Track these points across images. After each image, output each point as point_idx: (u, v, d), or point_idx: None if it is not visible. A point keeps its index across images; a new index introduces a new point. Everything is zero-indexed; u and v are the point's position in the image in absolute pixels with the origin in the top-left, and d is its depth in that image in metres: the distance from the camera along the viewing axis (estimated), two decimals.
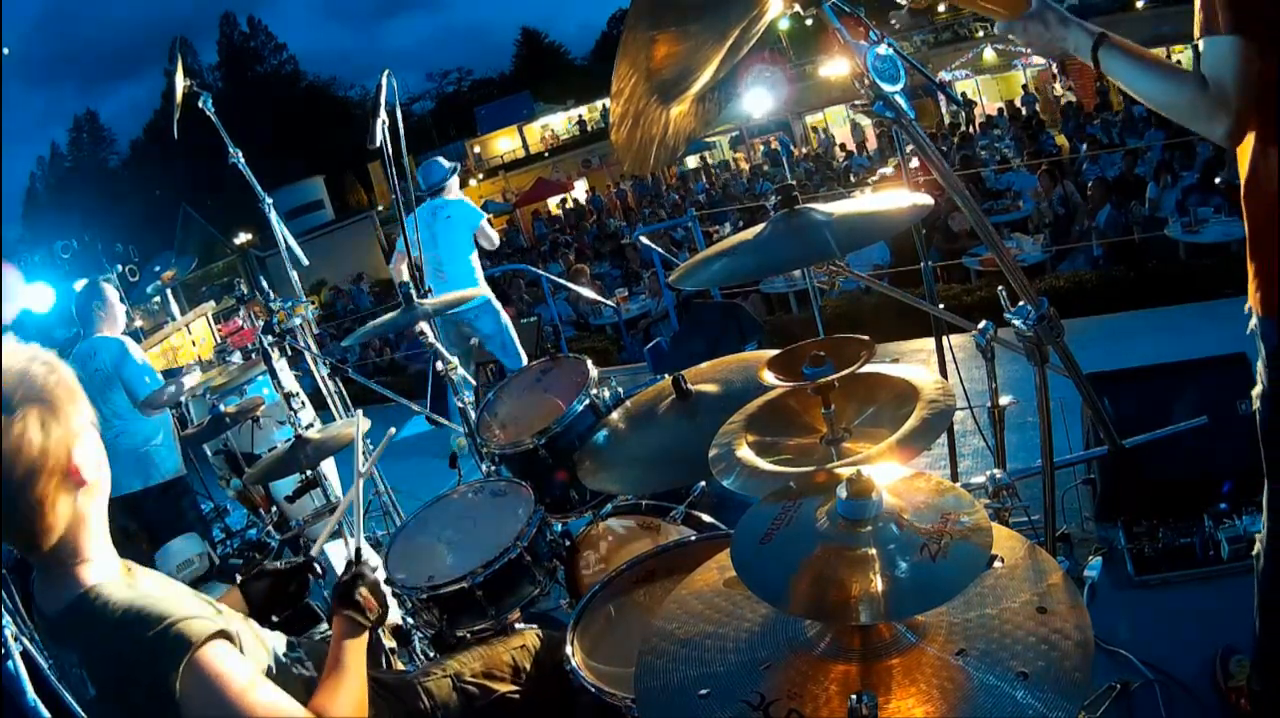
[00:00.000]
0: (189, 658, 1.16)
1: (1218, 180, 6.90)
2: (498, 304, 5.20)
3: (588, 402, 2.34)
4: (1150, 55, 1.42)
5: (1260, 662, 1.80)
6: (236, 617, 1.40)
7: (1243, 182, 1.46)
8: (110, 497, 1.32)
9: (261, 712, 1.19)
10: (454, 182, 5.24)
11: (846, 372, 1.46)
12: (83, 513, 1.24)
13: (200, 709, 1.16)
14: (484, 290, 5.07)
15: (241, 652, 1.28)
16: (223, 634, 1.22)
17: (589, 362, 2.49)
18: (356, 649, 1.43)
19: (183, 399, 4.54)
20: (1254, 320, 1.56)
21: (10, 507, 1.16)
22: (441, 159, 5.30)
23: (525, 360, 5.07)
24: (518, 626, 2.11)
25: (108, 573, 1.26)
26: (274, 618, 1.70)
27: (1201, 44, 1.32)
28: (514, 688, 1.73)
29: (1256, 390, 1.61)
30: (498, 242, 5.31)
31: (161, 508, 4.02)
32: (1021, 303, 1.54)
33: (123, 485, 3.96)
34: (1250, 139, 1.40)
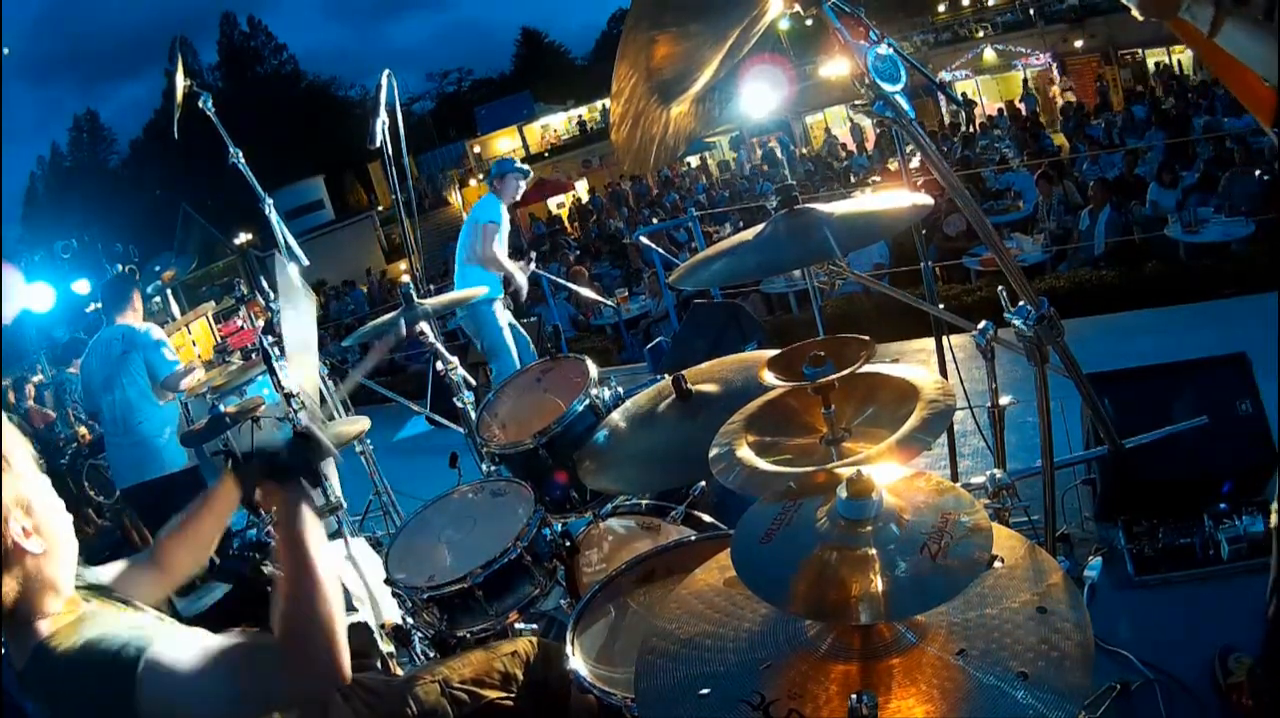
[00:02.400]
0: (137, 677, 1.13)
1: (1226, 174, 6.83)
2: (497, 307, 5.12)
3: (588, 402, 2.34)
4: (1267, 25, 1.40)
5: (1268, 652, 1.79)
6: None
7: None
8: (120, 488, 1.30)
9: (221, 676, 1.16)
10: (502, 182, 5.16)
11: (846, 372, 1.46)
12: (38, 575, 1.21)
13: (170, 708, 1.14)
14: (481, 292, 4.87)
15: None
16: (158, 633, 1.20)
17: (589, 362, 2.49)
18: (309, 523, 1.33)
19: (183, 399, 4.55)
20: None
21: None
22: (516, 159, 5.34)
23: (517, 363, 5.01)
24: (518, 626, 2.11)
25: (63, 621, 1.23)
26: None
27: None
28: (504, 696, 1.72)
29: None
30: (481, 253, 5.09)
31: (166, 501, 4.04)
32: (1021, 303, 1.54)
33: (133, 476, 4.00)
34: None
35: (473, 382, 2.90)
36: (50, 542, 1.23)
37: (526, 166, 5.33)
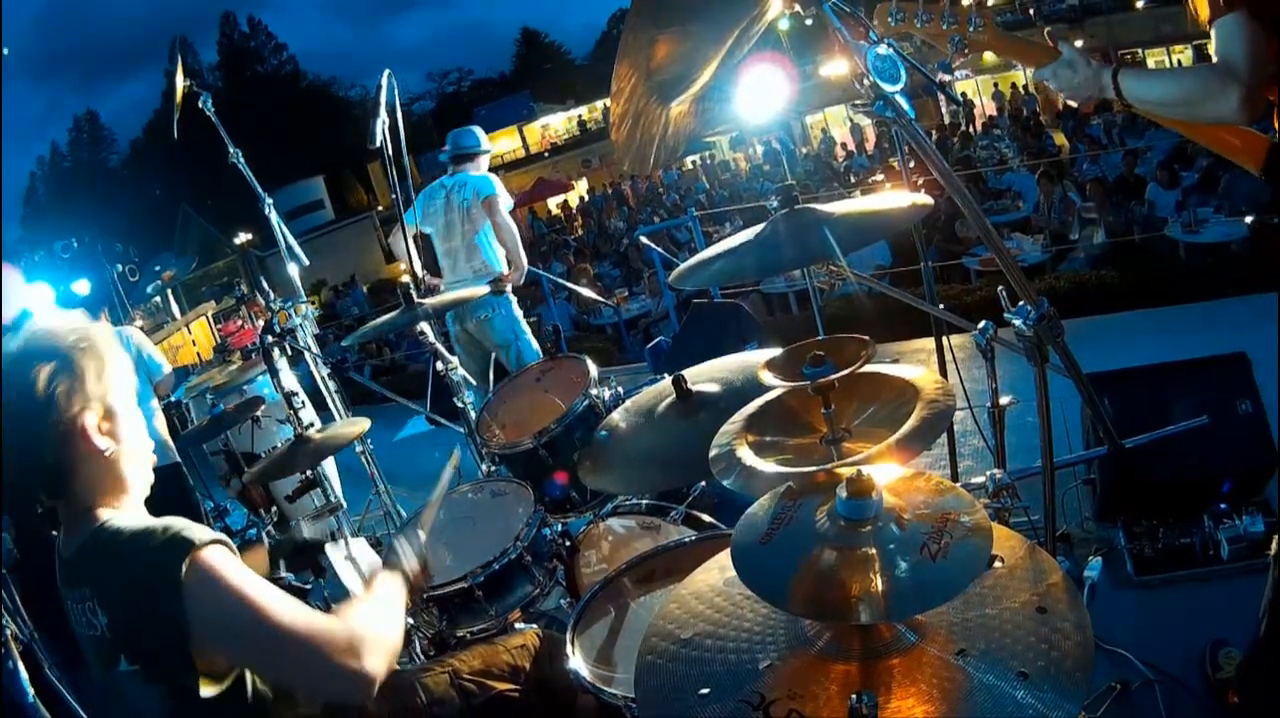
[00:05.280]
0: (192, 556, 1.22)
1: (1249, 220, 6.80)
2: (514, 303, 4.48)
3: (588, 402, 2.34)
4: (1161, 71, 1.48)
5: (1255, 651, 1.79)
6: None
7: None
8: None
9: (270, 610, 1.25)
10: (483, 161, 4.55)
11: (846, 372, 1.46)
12: (102, 473, 1.33)
13: (208, 607, 1.22)
14: (484, 291, 4.18)
15: None
16: (224, 543, 1.28)
17: (589, 361, 2.49)
18: (397, 584, 1.51)
19: (182, 398, 4.56)
20: None
21: (22, 444, 1.28)
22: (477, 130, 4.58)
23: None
24: (518, 626, 2.11)
25: (127, 513, 1.35)
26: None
27: (1213, 29, 1.37)
28: (512, 687, 1.73)
29: None
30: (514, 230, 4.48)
31: (149, 498, 4.07)
32: (1021, 303, 1.54)
33: None
34: None
35: (473, 381, 2.90)
36: (123, 449, 1.36)
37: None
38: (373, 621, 1.35)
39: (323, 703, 1.44)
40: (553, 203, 26.55)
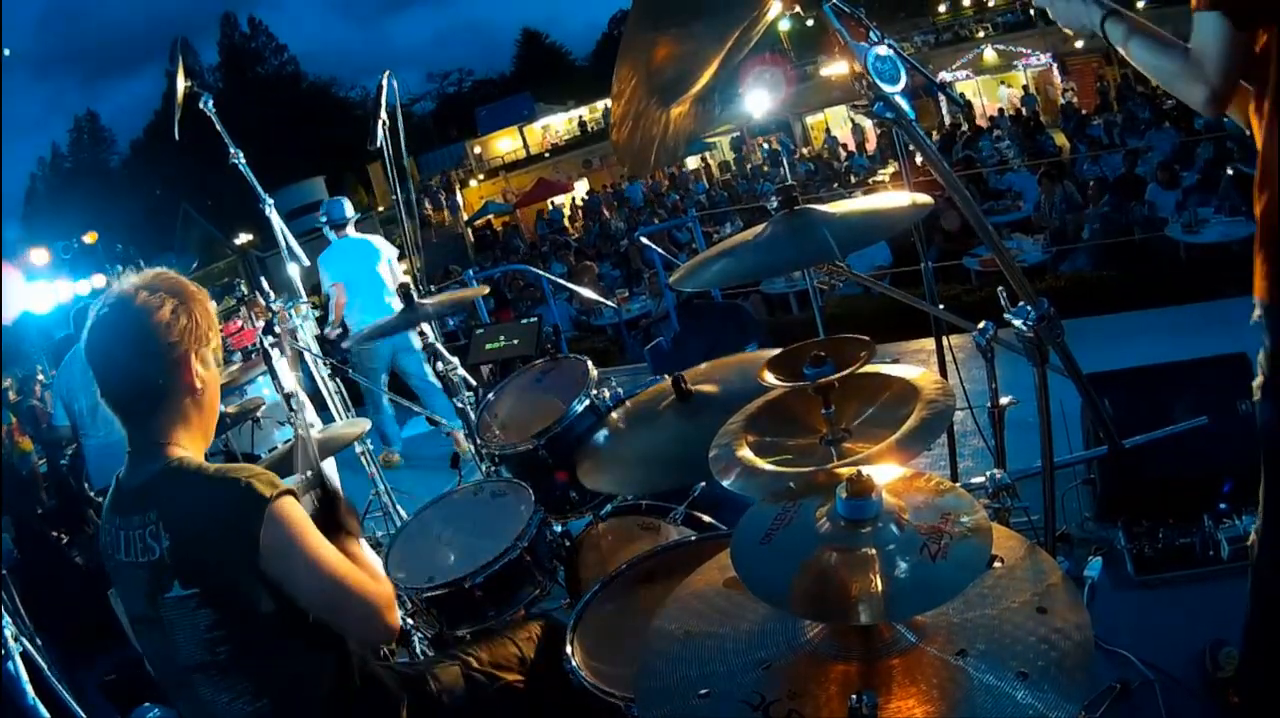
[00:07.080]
0: (271, 503, 1.36)
1: (1230, 171, 6.87)
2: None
3: (588, 402, 2.33)
4: (1153, 29, 1.53)
5: (1249, 652, 1.80)
6: None
7: (1258, 171, 1.49)
8: (100, 486, 1.38)
9: (329, 561, 1.40)
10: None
11: (847, 372, 1.46)
12: (186, 409, 1.48)
13: (279, 551, 1.35)
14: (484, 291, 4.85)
15: None
16: (294, 495, 1.42)
17: (589, 362, 2.49)
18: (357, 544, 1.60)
19: None
20: (1258, 310, 1.59)
21: (132, 358, 1.43)
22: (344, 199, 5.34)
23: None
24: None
25: (196, 458, 1.48)
26: None
27: (1194, 19, 1.41)
28: (520, 678, 1.75)
29: (1257, 382, 1.63)
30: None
31: None
32: (1021, 303, 1.54)
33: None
34: (1263, 125, 1.48)
35: (473, 382, 2.90)
36: (207, 395, 1.52)
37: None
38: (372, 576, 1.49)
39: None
40: (553, 203, 26.54)
